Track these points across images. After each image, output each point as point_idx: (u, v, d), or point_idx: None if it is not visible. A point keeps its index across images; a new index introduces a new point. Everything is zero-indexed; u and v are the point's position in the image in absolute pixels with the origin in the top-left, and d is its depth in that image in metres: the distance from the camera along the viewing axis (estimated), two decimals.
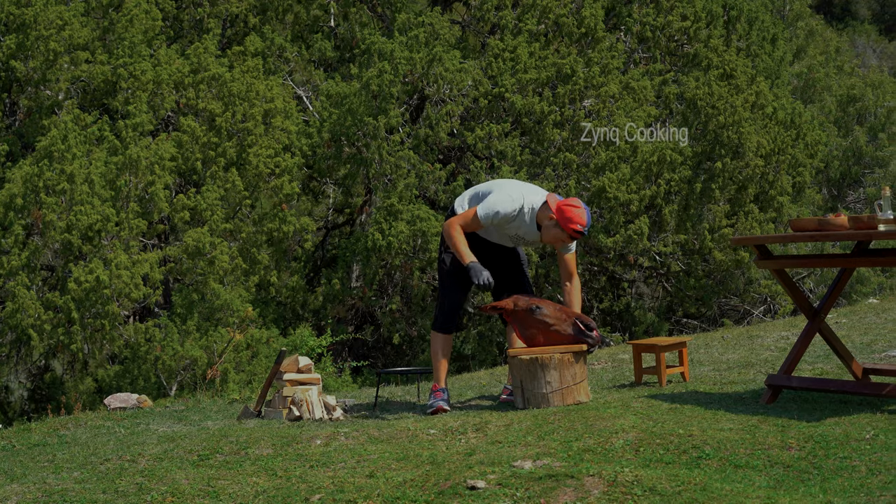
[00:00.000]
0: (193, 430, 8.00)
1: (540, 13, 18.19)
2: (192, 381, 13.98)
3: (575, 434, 6.61)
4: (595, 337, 7.73)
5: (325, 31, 19.72)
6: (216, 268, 14.79)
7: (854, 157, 26.30)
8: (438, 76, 17.04)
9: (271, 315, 16.09)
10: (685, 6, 19.38)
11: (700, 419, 6.87)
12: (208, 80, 16.34)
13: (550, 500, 5.44)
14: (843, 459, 5.84)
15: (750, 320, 18.08)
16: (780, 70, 22.31)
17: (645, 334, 18.02)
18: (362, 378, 16.82)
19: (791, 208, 18.62)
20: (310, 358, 11.52)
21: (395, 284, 17.28)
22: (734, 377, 8.75)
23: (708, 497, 5.31)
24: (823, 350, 9.52)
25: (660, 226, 17.46)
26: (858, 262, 7.41)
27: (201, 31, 18.32)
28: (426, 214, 16.26)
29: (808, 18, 33.02)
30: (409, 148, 16.87)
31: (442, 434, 7.00)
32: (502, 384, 9.88)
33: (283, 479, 6.17)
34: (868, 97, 27.40)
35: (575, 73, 17.17)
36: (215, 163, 15.72)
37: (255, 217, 15.95)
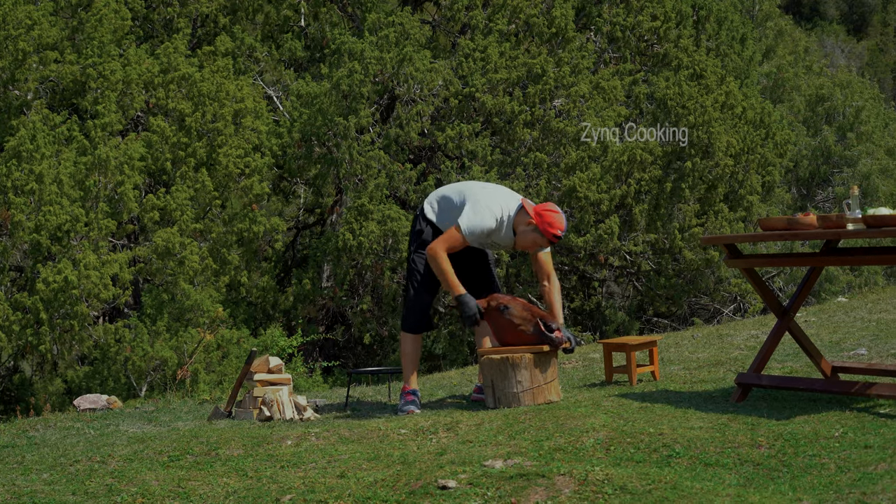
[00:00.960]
0: (164, 430, 7.98)
1: (510, 13, 18.20)
2: (163, 382, 13.94)
3: (546, 433, 6.62)
4: (557, 337, 7.72)
5: (295, 30, 19.69)
6: (186, 268, 14.75)
7: (823, 156, 26.42)
8: (409, 76, 17.03)
9: (242, 315, 16.05)
10: (655, 6, 19.43)
11: (670, 418, 6.89)
12: (178, 79, 16.28)
13: (521, 500, 5.44)
14: (813, 457, 5.86)
15: (720, 319, 18.15)
16: (749, 70, 22.39)
17: (616, 333, 18.05)
18: (333, 378, 16.81)
19: (760, 207, 18.69)
20: (280, 358, 11.52)
21: (366, 284, 17.27)
22: (704, 376, 8.78)
23: (678, 495, 5.33)
24: (793, 348, 9.56)
25: (630, 225, 17.51)
26: (827, 260, 7.44)
27: (171, 31, 18.25)
28: (397, 214, 16.26)
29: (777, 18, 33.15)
30: (380, 148, 16.86)
31: (413, 434, 6.99)
32: (473, 384, 9.88)
33: (254, 480, 6.16)
34: (836, 97, 27.53)
35: (545, 72, 17.19)
36: (185, 163, 15.67)
37: (225, 217, 15.91)
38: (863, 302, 13.81)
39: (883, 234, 6.44)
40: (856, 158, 26.23)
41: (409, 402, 8.18)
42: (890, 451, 5.81)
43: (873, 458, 5.74)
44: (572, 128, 17.06)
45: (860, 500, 5.13)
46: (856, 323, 11.36)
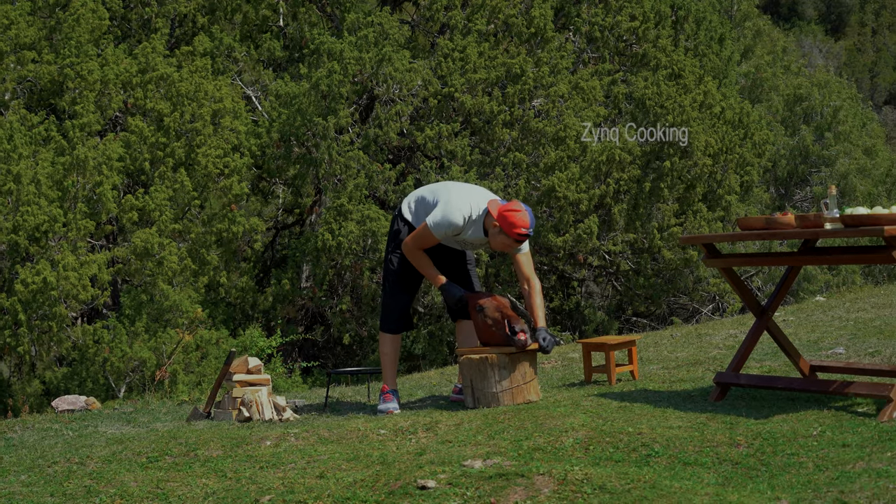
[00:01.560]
0: (142, 431, 7.96)
1: (489, 13, 18.21)
2: (141, 383, 13.90)
3: (525, 433, 6.62)
4: (520, 340, 7.72)
5: (274, 30, 19.66)
6: (165, 269, 14.72)
7: (801, 156, 26.52)
8: (388, 76, 17.02)
9: (221, 316, 16.02)
10: (634, 6, 19.46)
11: (649, 417, 6.90)
12: (156, 79, 16.24)
13: (500, 499, 5.44)
14: (791, 456, 5.88)
15: (699, 318, 18.19)
16: (727, 70, 22.45)
17: (595, 333, 18.08)
18: (312, 378, 16.79)
19: (739, 207, 18.75)
20: (259, 359, 11.50)
21: (346, 284, 17.26)
22: (683, 375, 8.80)
23: (657, 494, 5.34)
24: (771, 348, 9.59)
25: (609, 225, 17.53)
26: (805, 260, 7.46)
27: (149, 31, 18.21)
28: (376, 214, 16.25)
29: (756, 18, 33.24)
30: (359, 148, 16.85)
31: (392, 434, 6.99)
32: (452, 384, 9.89)
33: (233, 481, 6.15)
34: (814, 97, 27.63)
35: (524, 72, 17.21)
36: (163, 163, 15.63)
37: (204, 217, 15.88)
38: (841, 301, 13.86)
39: (860, 233, 6.46)
40: (833, 158, 26.34)
41: (388, 402, 8.18)
42: (868, 450, 5.84)
43: (851, 456, 5.76)
44: (551, 128, 17.08)
45: (838, 498, 5.14)
46: (834, 322, 11.40)
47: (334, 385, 11.84)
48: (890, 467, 5.50)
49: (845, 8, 66.89)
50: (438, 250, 8.30)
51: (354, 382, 13.08)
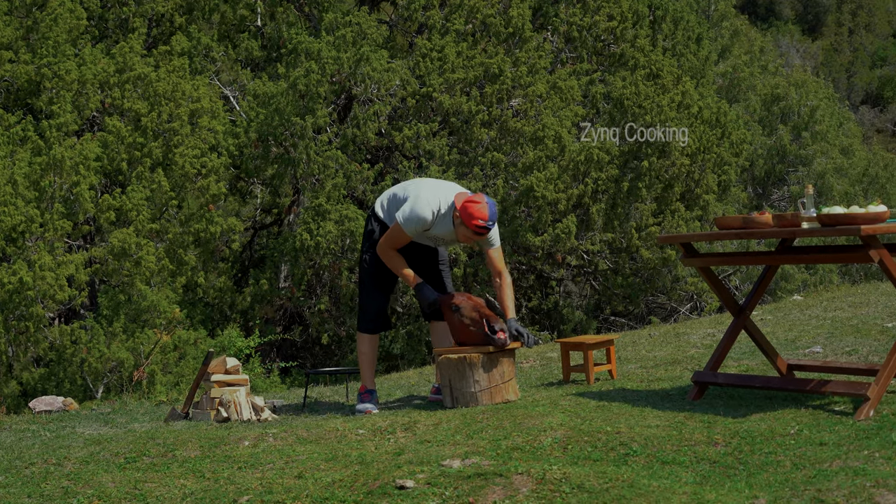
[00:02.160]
0: (120, 432, 7.94)
1: (467, 13, 18.21)
2: (119, 384, 13.86)
3: (503, 432, 6.63)
4: (499, 339, 7.73)
5: (251, 30, 19.64)
6: (143, 269, 14.68)
7: (778, 155, 26.59)
8: (366, 76, 17.02)
9: (199, 316, 15.99)
10: (611, 6, 19.49)
11: (627, 416, 6.91)
12: (134, 79, 16.20)
13: (479, 499, 5.45)
14: (769, 455, 5.90)
15: (677, 318, 18.22)
16: (705, 69, 22.50)
17: (573, 332, 18.09)
18: (291, 378, 16.77)
19: (716, 206, 18.79)
20: (238, 359, 11.48)
21: (324, 284, 17.25)
22: (661, 374, 8.82)
23: (635, 493, 5.35)
24: (749, 347, 9.61)
25: (587, 224, 17.55)
26: (782, 259, 7.49)
27: (127, 31, 18.17)
28: (354, 214, 16.24)
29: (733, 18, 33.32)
30: (337, 148, 16.83)
31: (371, 434, 6.99)
32: (431, 384, 9.89)
33: (211, 481, 6.13)
34: (792, 96, 27.71)
35: (502, 72, 17.22)
36: (141, 163, 15.60)
37: (181, 217, 15.84)
38: (818, 300, 13.90)
39: (837, 232, 6.48)
40: (811, 157, 26.42)
41: (366, 402, 8.18)
42: (845, 448, 5.86)
43: (828, 454, 5.78)
44: (529, 127, 17.09)
45: (815, 496, 5.16)
46: (811, 321, 11.44)
47: (312, 385, 11.84)
48: (867, 465, 5.52)
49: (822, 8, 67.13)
50: (411, 249, 8.29)
51: (333, 382, 13.07)
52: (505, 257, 16.91)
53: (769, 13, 66.03)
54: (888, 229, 6.42)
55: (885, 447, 5.82)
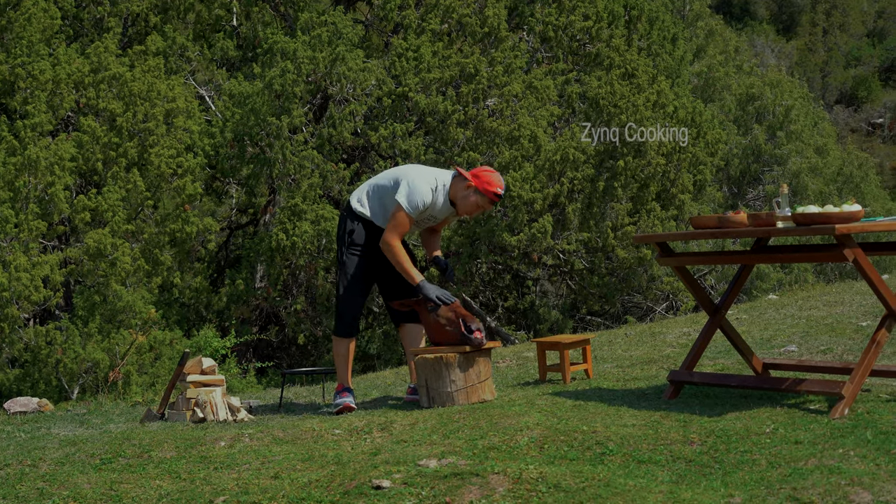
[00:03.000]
0: (95, 433, 7.91)
1: (443, 13, 18.22)
2: (95, 384, 13.82)
3: (480, 432, 6.63)
4: (476, 338, 7.73)
5: (227, 30, 19.60)
6: (118, 269, 14.63)
7: (753, 155, 26.68)
8: (342, 75, 17.00)
9: (174, 316, 15.95)
10: (587, 6, 19.53)
11: (603, 415, 6.92)
12: (109, 79, 16.16)
13: (456, 499, 5.45)
14: (744, 453, 5.91)
15: (653, 317, 18.26)
16: (680, 69, 22.57)
17: (549, 332, 18.13)
18: (267, 379, 16.75)
19: (692, 206, 18.84)
20: (214, 359, 11.45)
21: (300, 284, 17.23)
22: (637, 373, 8.83)
23: (611, 492, 5.36)
24: (724, 346, 9.64)
25: (563, 224, 17.58)
26: (758, 258, 7.51)
27: (101, 30, 18.11)
28: (330, 214, 16.22)
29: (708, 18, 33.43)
30: (313, 148, 16.81)
31: (347, 434, 6.98)
32: (407, 384, 9.89)
33: (187, 482, 6.12)
34: (766, 96, 27.81)
35: (478, 72, 17.23)
36: (116, 163, 15.55)
37: (157, 218, 15.81)
38: (793, 299, 13.96)
39: (812, 231, 6.51)
40: (785, 157, 26.51)
41: (344, 397, 8.15)
42: (820, 447, 5.88)
43: (804, 453, 5.80)
44: (505, 127, 17.11)
45: (791, 495, 5.18)
46: (786, 320, 11.48)
47: (289, 385, 11.82)
48: (842, 464, 5.55)
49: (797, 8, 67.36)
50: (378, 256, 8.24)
51: (309, 383, 13.06)
52: (481, 257, 17.00)
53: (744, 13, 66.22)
54: (862, 228, 6.45)
55: (859, 445, 5.85)
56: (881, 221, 6.85)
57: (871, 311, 11.09)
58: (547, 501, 5.34)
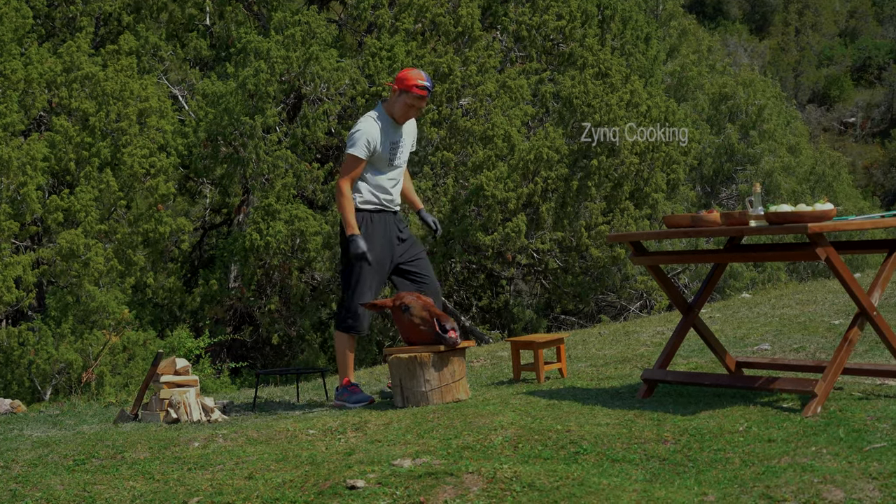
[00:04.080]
0: (69, 434, 7.88)
1: (417, 12, 18.22)
2: (68, 385, 13.77)
3: (454, 432, 6.63)
4: (451, 338, 7.73)
5: (200, 29, 19.55)
6: (91, 269, 14.58)
7: (726, 154, 26.74)
8: (315, 75, 16.98)
9: (148, 317, 15.91)
10: (560, 6, 19.55)
11: (578, 414, 6.93)
12: (81, 79, 16.10)
13: (430, 498, 5.45)
14: (718, 452, 5.93)
15: (626, 316, 18.29)
16: (653, 69, 22.61)
17: (523, 331, 18.13)
18: (241, 379, 16.72)
19: (665, 205, 18.88)
20: (187, 360, 11.43)
21: (274, 284, 17.20)
22: (611, 372, 8.85)
23: (585, 491, 5.36)
24: (698, 344, 9.66)
25: (537, 223, 17.60)
26: (731, 257, 7.53)
27: (74, 30, 18.05)
28: (304, 214, 16.21)
29: (681, 18, 33.48)
30: (287, 147, 16.79)
31: (321, 434, 6.97)
32: (382, 383, 9.88)
33: (161, 483, 6.10)
34: (739, 95, 27.87)
35: (452, 71, 17.24)
36: (89, 163, 15.50)
37: (130, 218, 15.76)
38: (766, 298, 14.00)
39: (785, 230, 6.53)
40: (758, 156, 26.59)
41: (359, 394, 8.14)
42: (793, 445, 5.90)
43: (777, 451, 5.82)
44: (479, 126, 17.11)
45: (764, 493, 5.19)
46: (759, 318, 11.51)
47: (263, 385, 11.80)
48: (815, 462, 5.57)
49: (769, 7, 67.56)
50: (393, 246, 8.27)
51: (283, 383, 13.04)
52: (455, 256, 16.99)
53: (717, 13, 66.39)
54: (835, 227, 6.48)
55: (832, 443, 5.87)
56: (853, 220, 6.88)
57: (844, 310, 11.13)
58: (521, 501, 5.34)
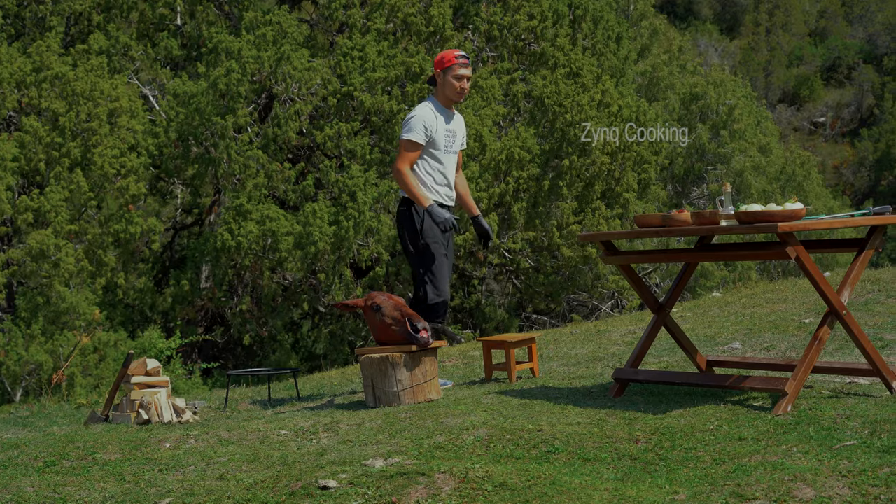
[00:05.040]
0: (39, 436, 7.85)
1: (388, 12, 18.21)
2: (38, 387, 13.72)
3: (426, 431, 6.63)
4: (422, 337, 7.73)
5: (171, 29, 19.49)
6: (61, 270, 14.53)
7: (697, 153, 26.82)
8: (287, 75, 16.96)
9: (119, 317, 15.86)
10: (532, 5, 19.56)
11: (549, 414, 6.94)
12: (51, 78, 16.04)
13: (402, 498, 5.45)
14: (689, 450, 5.95)
15: (598, 315, 18.33)
16: (624, 69, 22.64)
17: (495, 331, 18.15)
18: (213, 380, 16.68)
19: (637, 205, 18.92)
20: (159, 360, 11.39)
21: (245, 285, 17.16)
22: (582, 372, 8.86)
23: (557, 491, 5.37)
24: (669, 343, 9.69)
25: (509, 223, 17.61)
26: (701, 256, 7.55)
27: (44, 29, 17.97)
28: (276, 214, 16.18)
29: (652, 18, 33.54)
30: (258, 147, 16.76)
31: (293, 434, 6.97)
32: (353, 384, 9.88)
33: (132, 484, 6.09)
34: (710, 95, 27.95)
35: (423, 71, 17.23)
36: (59, 163, 15.44)
37: (101, 218, 15.70)
38: (737, 297, 14.04)
39: (755, 229, 6.55)
40: (729, 156, 26.68)
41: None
42: (763, 443, 5.92)
43: (747, 449, 5.85)
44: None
45: (735, 491, 5.21)
46: (730, 317, 11.55)
47: (234, 386, 11.78)
48: (785, 460, 5.59)
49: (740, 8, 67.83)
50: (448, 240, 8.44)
51: (255, 383, 13.02)
52: None
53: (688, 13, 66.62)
54: (805, 226, 6.51)
55: (802, 441, 5.90)
56: (823, 219, 6.92)
57: (814, 309, 11.18)
58: (493, 500, 5.35)
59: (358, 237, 16.25)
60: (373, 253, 16.47)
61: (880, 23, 63.30)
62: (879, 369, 6.80)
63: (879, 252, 6.59)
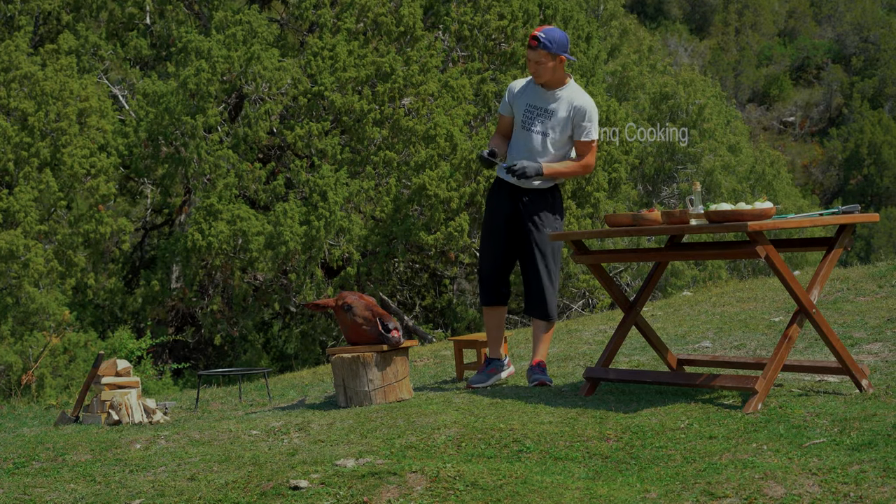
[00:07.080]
0: (8, 437, 7.81)
1: (359, 11, 18.20)
2: (7, 388, 13.65)
3: (397, 431, 6.63)
4: (393, 337, 7.72)
5: (140, 28, 19.43)
6: (31, 271, 14.47)
7: (667, 153, 26.90)
8: (257, 74, 16.93)
9: (89, 318, 15.80)
10: (502, 5, 19.57)
11: (520, 413, 6.95)
12: (20, 78, 15.96)
13: (373, 498, 5.45)
14: (660, 449, 5.97)
15: (569, 314, 18.36)
16: (594, 68, 22.69)
17: (467, 330, 18.15)
18: (183, 380, 16.64)
19: (607, 204, 18.95)
20: (129, 361, 11.36)
21: (216, 285, 17.13)
22: (553, 371, 8.87)
23: (528, 490, 5.38)
24: (640, 342, 9.71)
25: (480, 222, 17.62)
26: (672, 255, 7.58)
27: (12, 28, 17.89)
28: (246, 214, 16.15)
29: (622, 18, 33.67)
30: (229, 147, 16.73)
31: (264, 434, 6.96)
32: (325, 383, 9.87)
33: (103, 485, 6.07)
34: (680, 94, 28.05)
35: (394, 71, 17.23)
36: (28, 163, 15.37)
37: (70, 218, 15.64)
38: (707, 296, 14.08)
39: (724, 228, 6.58)
40: (699, 155, 26.78)
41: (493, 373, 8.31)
42: (734, 442, 5.95)
43: (718, 448, 5.87)
44: (421, 126, 17.12)
45: (705, 489, 5.23)
46: (700, 316, 11.58)
47: (205, 386, 11.75)
48: (755, 458, 5.62)
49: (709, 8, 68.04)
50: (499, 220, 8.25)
51: (226, 383, 12.98)
52: (398, 256, 16.96)
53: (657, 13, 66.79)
54: (774, 225, 6.54)
55: (772, 439, 5.92)
56: (792, 219, 6.95)
57: (784, 307, 11.22)
58: (465, 499, 5.36)
59: (329, 237, 16.23)
60: (344, 253, 16.46)
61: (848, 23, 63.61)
62: (849, 367, 6.83)
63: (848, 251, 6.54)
